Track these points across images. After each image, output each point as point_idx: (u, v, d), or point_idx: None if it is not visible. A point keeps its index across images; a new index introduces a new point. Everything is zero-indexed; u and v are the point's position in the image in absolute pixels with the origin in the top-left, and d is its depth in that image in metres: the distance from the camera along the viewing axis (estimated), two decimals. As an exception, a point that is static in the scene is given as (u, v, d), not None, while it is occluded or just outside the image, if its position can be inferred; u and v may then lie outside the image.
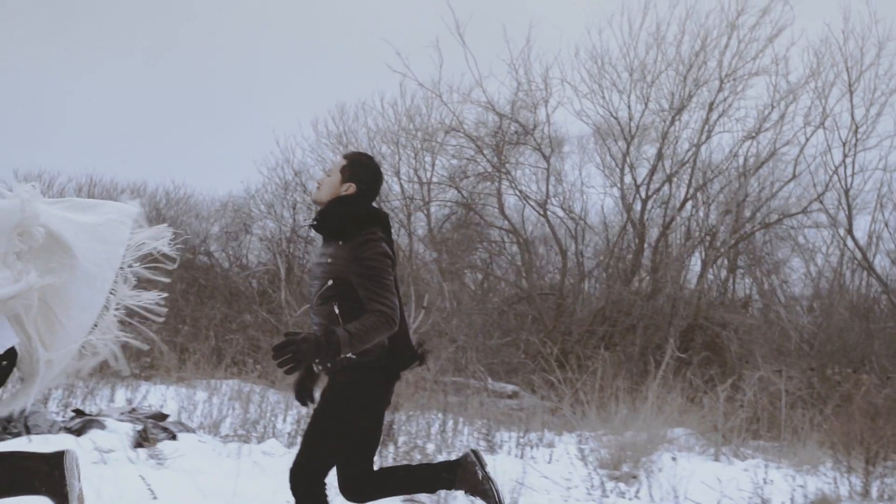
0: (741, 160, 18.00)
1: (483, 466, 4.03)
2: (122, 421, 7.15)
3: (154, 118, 30.60)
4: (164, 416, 7.39)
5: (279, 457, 7.24)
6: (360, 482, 3.99)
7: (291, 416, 9.79)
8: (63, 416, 7.55)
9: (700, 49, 18.01)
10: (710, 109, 17.87)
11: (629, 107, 18.57)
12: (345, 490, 4.03)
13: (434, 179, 20.68)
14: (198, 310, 13.42)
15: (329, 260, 3.82)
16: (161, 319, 3.56)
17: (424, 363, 4.02)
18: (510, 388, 15.96)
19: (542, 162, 19.00)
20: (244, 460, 6.75)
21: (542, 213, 18.81)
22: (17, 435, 6.84)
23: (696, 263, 18.30)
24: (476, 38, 19.82)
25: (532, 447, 8.87)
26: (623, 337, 17.85)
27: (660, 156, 18.38)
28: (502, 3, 23.31)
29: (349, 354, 3.69)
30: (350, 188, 3.92)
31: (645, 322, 16.49)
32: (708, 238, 17.49)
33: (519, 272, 19.92)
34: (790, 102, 17.76)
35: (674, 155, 18.18)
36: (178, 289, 13.25)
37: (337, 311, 3.79)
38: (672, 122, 18.28)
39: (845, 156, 17.32)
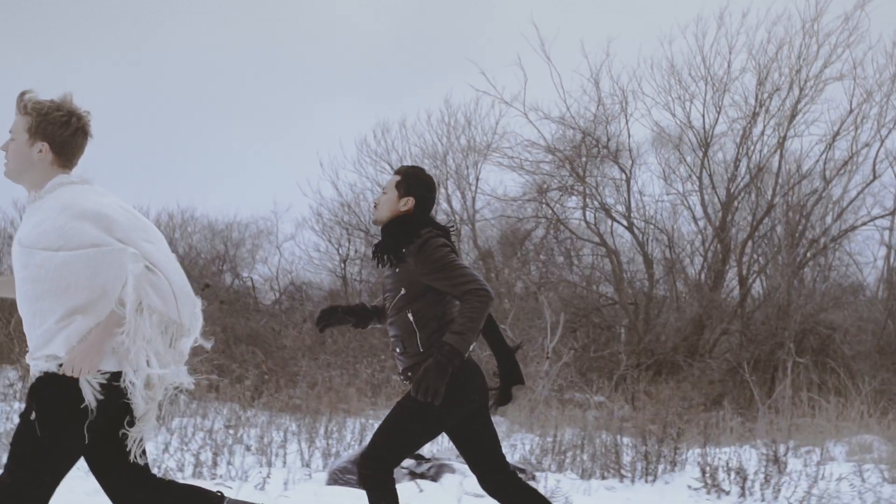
0: (821, 164, 18.33)
1: None
2: (465, 464, 7.00)
3: (157, 137, 30.02)
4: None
5: (622, 489, 7.17)
6: (504, 484, 3.92)
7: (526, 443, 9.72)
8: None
9: (775, 56, 18.31)
10: (793, 116, 18.16)
11: (703, 115, 18.82)
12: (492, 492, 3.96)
13: (498, 193, 20.77)
14: (341, 342, 13.20)
15: (397, 269, 3.89)
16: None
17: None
18: (598, 399, 16.03)
19: (620, 174, 19.17)
20: (617, 495, 6.67)
21: (627, 226, 18.94)
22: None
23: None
24: (555, 54, 20.08)
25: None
26: (714, 344, 18.04)
27: (737, 163, 18.65)
28: (580, 21, 23.56)
29: (472, 347, 3.74)
30: (409, 202, 3.98)
31: (754, 329, 16.68)
32: (805, 242, 17.74)
33: (589, 281, 20.02)
34: (865, 104, 18.10)
35: (760, 161, 18.44)
36: (308, 329, 13.06)
37: (411, 318, 3.85)
38: (749, 129, 18.55)
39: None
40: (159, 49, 29.14)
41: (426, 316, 3.84)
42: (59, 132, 3.14)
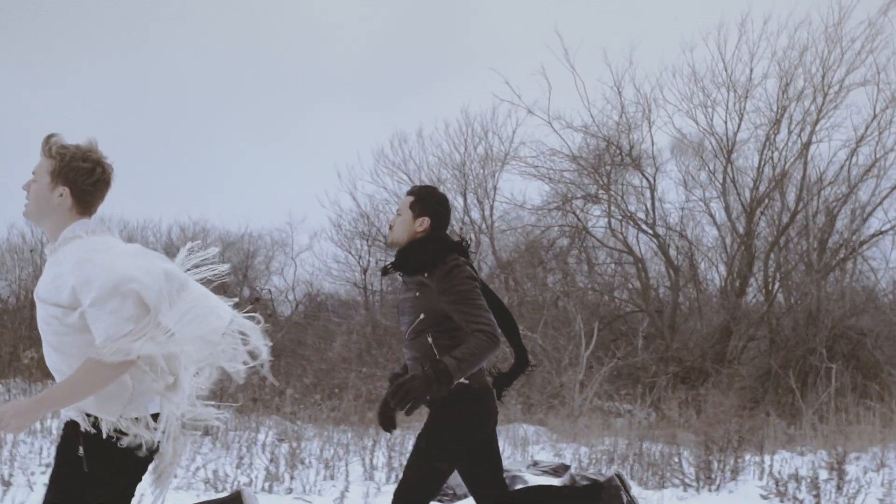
0: (845, 169, 18.31)
1: (628, 491, 4.06)
2: (537, 475, 6.96)
3: (157, 139, 29.99)
4: (566, 468, 7.20)
5: (691, 498, 7.12)
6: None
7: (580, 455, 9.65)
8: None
9: (797, 61, 18.32)
10: (817, 120, 18.16)
11: (726, 122, 18.82)
12: None
13: (513, 202, 20.74)
14: (380, 354, 13.17)
15: (417, 294, 3.88)
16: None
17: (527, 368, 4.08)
18: (626, 407, 15.97)
19: (642, 181, 19.18)
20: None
21: (652, 234, 18.92)
22: (451, 499, 6.62)
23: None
24: (577, 62, 20.10)
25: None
26: (741, 351, 17.99)
27: (760, 169, 18.66)
28: (602, 28, 23.60)
29: (461, 380, 3.71)
30: (424, 223, 3.97)
31: (784, 335, 16.64)
32: (830, 248, 17.72)
33: (612, 288, 19.99)
34: (889, 109, 18.09)
35: (784, 166, 18.43)
36: (355, 341, 13.00)
37: (430, 341, 3.83)
38: (772, 135, 18.55)
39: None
40: (159, 49, 29.20)
41: (446, 341, 3.83)
42: (82, 180, 3.14)
